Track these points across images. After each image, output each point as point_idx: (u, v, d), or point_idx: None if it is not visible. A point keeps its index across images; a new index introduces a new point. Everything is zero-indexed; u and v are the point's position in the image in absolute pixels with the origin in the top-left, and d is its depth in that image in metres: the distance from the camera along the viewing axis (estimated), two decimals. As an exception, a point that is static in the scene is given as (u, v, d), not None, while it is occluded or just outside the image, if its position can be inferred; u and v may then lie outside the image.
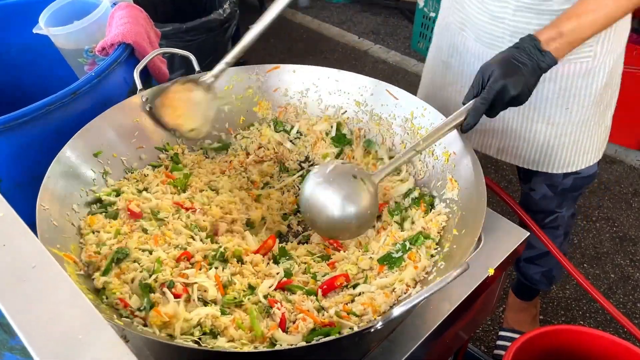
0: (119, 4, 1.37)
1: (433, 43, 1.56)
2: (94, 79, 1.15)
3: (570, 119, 1.38)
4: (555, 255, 1.28)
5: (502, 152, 1.50)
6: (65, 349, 0.48)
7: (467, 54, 1.40)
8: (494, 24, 1.30)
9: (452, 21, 1.43)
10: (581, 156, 1.46)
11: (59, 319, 0.51)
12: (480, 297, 1.14)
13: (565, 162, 1.46)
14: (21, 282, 0.54)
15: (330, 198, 1.04)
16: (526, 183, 1.60)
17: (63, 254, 0.91)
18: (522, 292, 1.96)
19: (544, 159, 1.46)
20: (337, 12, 4.29)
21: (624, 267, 2.33)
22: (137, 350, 0.98)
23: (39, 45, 1.43)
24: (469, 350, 1.82)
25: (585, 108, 1.37)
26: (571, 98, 1.35)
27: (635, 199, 2.63)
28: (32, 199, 0.94)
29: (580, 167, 1.48)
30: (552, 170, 1.47)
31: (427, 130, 1.17)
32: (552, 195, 1.58)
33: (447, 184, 1.09)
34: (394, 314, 0.82)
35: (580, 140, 1.43)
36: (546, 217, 1.65)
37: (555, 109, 1.37)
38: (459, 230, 1.00)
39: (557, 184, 1.54)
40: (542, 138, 1.42)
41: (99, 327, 0.50)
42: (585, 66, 1.31)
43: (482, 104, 1.05)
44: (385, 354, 0.99)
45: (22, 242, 0.59)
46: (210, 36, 2.74)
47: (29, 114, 1.07)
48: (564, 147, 1.43)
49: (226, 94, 1.30)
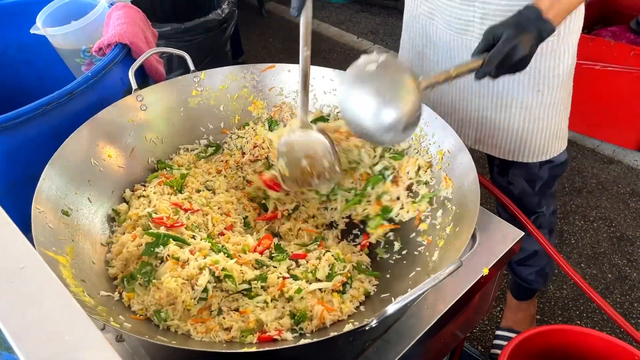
0: (116, 4, 1.37)
1: (403, 36, 1.59)
2: (90, 79, 1.16)
3: (542, 102, 1.42)
4: (551, 254, 1.27)
5: (480, 142, 1.53)
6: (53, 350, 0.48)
7: (440, 42, 1.43)
8: (463, 8, 1.32)
9: (420, 12, 1.47)
10: (553, 142, 1.50)
11: (46, 321, 0.51)
12: (476, 297, 1.14)
13: (540, 150, 1.50)
14: (9, 283, 0.54)
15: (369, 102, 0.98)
16: (503, 176, 1.62)
17: (58, 257, 0.91)
18: (519, 293, 1.96)
19: (521, 148, 1.49)
20: (335, 12, 4.29)
21: (621, 267, 2.33)
22: (133, 350, 0.98)
23: (36, 45, 1.43)
24: (465, 349, 1.83)
25: (555, 90, 1.41)
26: (541, 79, 1.39)
27: (633, 199, 2.63)
28: (27, 198, 0.94)
29: (554, 154, 1.52)
30: (529, 159, 1.51)
31: (421, 130, 1.17)
32: (531, 192, 1.60)
33: (442, 182, 1.10)
34: (388, 312, 0.82)
35: (552, 125, 1.47)
36: (528, 215, 1.65)
37: (527, 92, 1.41)
38: (453, 227, 1.01)
39: (535, 177, 1.57)
40: (517, 124, 1.45)
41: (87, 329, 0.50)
42: (552, 46, 1.35)
43: (498, 54, 1.05)
44: (379, 352, 0.99)
45: (11, 243, 0.59)
46: (208, 36, 2.74)
47: (25, 114, 1.07)
48: (538, 133, 1.47)
49: (221, 94, 1.30)
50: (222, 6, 2.80)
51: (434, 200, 1.11)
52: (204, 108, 1.30)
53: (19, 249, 0.58)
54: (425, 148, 1.16)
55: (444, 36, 1.41)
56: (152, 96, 1.24)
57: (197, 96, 1.28)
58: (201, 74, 1.28)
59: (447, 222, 1.04)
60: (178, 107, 1.27)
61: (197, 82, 1.28)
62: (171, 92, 1.26)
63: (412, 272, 1.03)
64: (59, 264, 0.90)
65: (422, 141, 1.17)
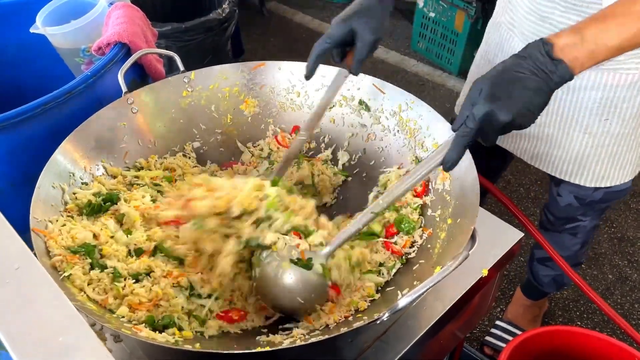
0: (116, 4, 1.37)
1: (483, 42, 1.54)
2: (89, 79, 1.16)
3: (609, 130, 1.34)
4: (551, 254, 1.27)
5: (536, 158, 1.46)
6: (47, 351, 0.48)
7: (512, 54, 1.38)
8: (540, 24, 1.27)
9: (502, 21, 1.40)
10: (617, 171, 1.41)
11: (41, 321, 0.51)
12: (475, 298, 1.14)
13: (598, 175, 1.42)
14: (4, 284, 0.53)
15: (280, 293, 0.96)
16: (556, 186, 1.56)
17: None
18: (528, 291, 1.96)
19: (577, 170, 1.42)
20: (337, 12, 4.22)
21: (622, 267, 2.33)
22: (131, 350, 0.98)
23: (36, 45, 1.43)
24: (464, 350, 1.82)
25: (626, 121, 1.33)
26: (612, 109, 1.30)
27: (634, 200, 2.63)
28: (26, 198, 0.94)
29: (615, 183, 1.43)
30: (584, 183, 1.44)
31: (415, 123, 1.17)
32: (577, 206, 1.54)
33: (439, 175, 1.10)
34: (400, 305, 0.82)
35: (618, 154, 1.38)
36: (568, 222, 1.62)
37: (594, 119, 1.32)
38: (453, 219, 1.01)
39: (586, 196, 1.50)
40: (578, 147, 1.38)
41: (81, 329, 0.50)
42: (632, 78, 1.26)
43: (464, 136, 0.85)
44: (379, 353, 0.99)
45: (5, 243, 0.59)
46: (209, 36, 2.74)
47: (24, 113, 1.07)
48: (600, 159, 1.39)
49: (212, 93, 1.29)
50: (223, 6, 2.80)
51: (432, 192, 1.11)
52: (196, 108, 1.28)
53: (14, 250, 0.58)
54: (420, 141, 1.16)
55: (518, 48, 1.32)
56: (142, 98, 1.22)
57: (187, 97, 1.27)
58: (191, 74, 1.26)
59: (447, 214, 1.04)
60: (169, 108, 1.26)
61: (187, 82, 1.26)
62: (161, 93, 1.25)
63: (415, 264, 1.03)
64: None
65: (417, 135, 1.17)
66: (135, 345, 0.98)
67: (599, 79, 1.27)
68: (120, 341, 0.99)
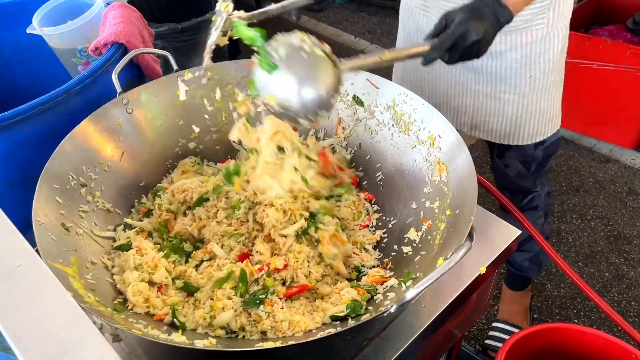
0: (112, 4, 1.37)
1: (400, 28, 1.62)
2: (86, 79, 1.16)
3: (534, 87, 1.47)
4: (549, 253, 1.27)
5: (475, 128, 1.58)
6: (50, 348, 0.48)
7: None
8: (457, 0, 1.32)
9: (413, 6, 1.49)
10: (546, 124, 1.55)
11: (44, 319, 0.51)
12: (473, 295, 1.14)
13: (533, 132, 1.54)
14: (6, 282, 0.53)
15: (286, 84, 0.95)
16: (501, 158, 1.67)
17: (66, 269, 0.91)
18: (513, 282, 1.98)
19: (515, 132, 1.54)
20: (333, 12, 4.29)
21: (619, 265, 2.33)
22: (130, 349, 0.98)
23: (32, 45, 1.43)
24: (462, 348, 1.83)
25: (546, 75, 1.46)
26: (533, 65, 1.43)
27: (630, 197, 2.64)
28: (23, 198, 0.94)
29: (547, 135, 1.57)
30: (523, 142, 1.56)
31: (410, 116, 1.18)
32: (526, 173, 1.65)
33: (435, 167, 1.10)
34: (407, 297, 0.83)
35: (545, 108, 1.52)
36: (524, 197, 1.73)
37: (520, 78, 1.45)
38: (452, 210, 1.01)
39: (529, 158, 1.62)
40: (511, 110, 1.50)
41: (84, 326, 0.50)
42: (541, 33, 1.40)
43: (447, 39, 1.03)
44: (377, 351, 0.99)
45: (7, 241, 0.59)
46: (206, 35, 2.74)
47: (21, 113, 1.07)
48: (532, 117, 1.51)
49: (206, 92, 1.28)
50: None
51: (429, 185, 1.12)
52: (190, 107, 1.28)
53: (16, 247, 0.58)
54: (415, 134, 1.17)
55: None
56: (137, 98, 1.22)
57: (182, 96, 1.26)
58: (184, 72, 1.26)
59: (446, 205, 1.05)
60: (164, 107, 1.25)
61: (181, 81, 1.26)
62: (156, 93, 1.25)
63: (417, 256, 1.04)
64: (68, 276, 0.90)
65: (411, 127, 1.18)
66: (134, 344, 0.98)
67: (515, 40, 1.40)
68: (119, 340, 0.99)
